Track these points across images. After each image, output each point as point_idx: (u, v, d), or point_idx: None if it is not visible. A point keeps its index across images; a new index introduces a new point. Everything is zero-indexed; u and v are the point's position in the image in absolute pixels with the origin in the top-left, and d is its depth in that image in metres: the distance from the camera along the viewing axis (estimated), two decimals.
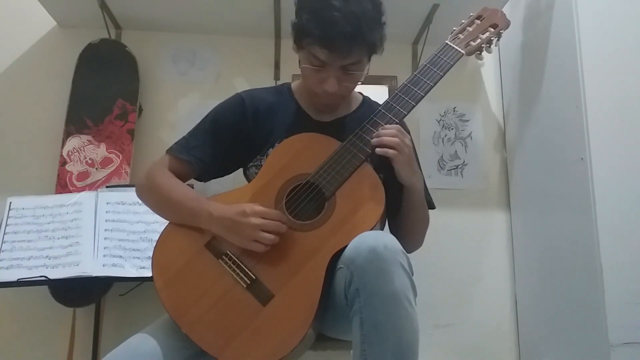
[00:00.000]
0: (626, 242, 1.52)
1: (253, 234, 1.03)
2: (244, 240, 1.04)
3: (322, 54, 1.13)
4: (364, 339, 0.92)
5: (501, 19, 1.30)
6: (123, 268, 1.55)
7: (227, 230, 1.06)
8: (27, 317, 1.84)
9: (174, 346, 1.02)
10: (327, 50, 1.12)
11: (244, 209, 1.04)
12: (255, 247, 1.04)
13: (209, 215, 1.08)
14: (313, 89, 1.21)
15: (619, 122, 1.58)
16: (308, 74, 1.19)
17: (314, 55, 1.14)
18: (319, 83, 1.18)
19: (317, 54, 1.13)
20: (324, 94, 1.19)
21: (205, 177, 1.30)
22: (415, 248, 1.29)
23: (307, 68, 1.17)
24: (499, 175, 2.16)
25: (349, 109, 1.33)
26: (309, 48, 1.14)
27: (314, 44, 1.12)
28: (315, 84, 1.19)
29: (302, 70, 1.21)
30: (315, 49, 1.13)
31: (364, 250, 0.94)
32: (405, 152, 1.13)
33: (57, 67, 2.01)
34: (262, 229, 1.03)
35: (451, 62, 1.22)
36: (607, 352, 1.45)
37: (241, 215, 1.04)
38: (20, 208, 1.67)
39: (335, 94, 1.18)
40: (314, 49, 1.13)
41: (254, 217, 1.03)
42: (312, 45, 1.13)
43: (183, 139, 1.27)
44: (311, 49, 1.14)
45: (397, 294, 0.91)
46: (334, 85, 1.16)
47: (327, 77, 1.16)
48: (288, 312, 1.00)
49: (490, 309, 2.04)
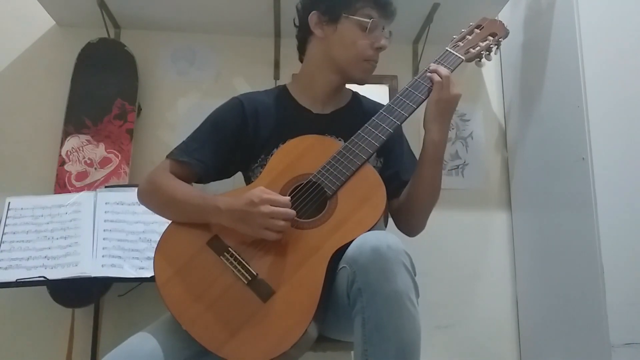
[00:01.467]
0: (627, 242, 1.51)
1: (264, 222, 1.03)
2: (256, 229, 1.05)
3: (374, 13, 1.27)
4: (366, 339, 0.92)
5: (500, 28, 1.34)
6: (122, 268, 1.54)
7: (238, 221, 1.07)
8: (26, 318, 1.83)
9: (174, 346, 1.02)
10: (380, 7, 1.27)
11: (251, 199, 1.05)
12: (268, 235, 1.04)
13: (217, 209, 1.09)
14: (363, 53, 1.28)
15: (620, 121, 1.58)
16: (357, 40, 1.27)
17: (367, 15, 1.26)
18: (371, 44, 1.27)
19: (370, 14, 1.26)
20: (374, 55, 1.29)
21: (206, 179, 1.30)
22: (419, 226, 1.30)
23: (358, 34, 1.27)
24: (499, 175, 2.15)
25: (344, 102, 1.39)
26: (362, 11, 1.26)
27: (366, 5, 1.26)
28: (366, 47, 1.27)
29: (347, 38, 1.27)
30: (368, 10, 1.26)
31: (366, 249, 0.94)
32: (449, 90, 1.18)
33: (56, 66, 2.00)
34: (272, 216, 1.03)
35: (451, 68, 1.24)
36: (608, 353, 1.44)
37: (250, 205, 1.04)
38: (18, 208, 1.66)
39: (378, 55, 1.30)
40: (366, 10, 1.26)
41: (263, 205, 1.04)
42: (364, 8, 1.26)
43: (183, 144, 1.28)
44: (364, 11, 1.26)
45: (400, 294, 0.91)
46: (387, 41, 1.30)
47: (380, 35, 1.28)
48: (289, 309, 1.00)
49: (491, 309, 2.03)
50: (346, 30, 1.27)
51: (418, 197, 1.25)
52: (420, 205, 1.26)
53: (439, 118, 1.19)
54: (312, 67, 1.35)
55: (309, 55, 1.36)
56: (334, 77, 1.33)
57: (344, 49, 1.28)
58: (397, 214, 1.31)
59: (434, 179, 1.23)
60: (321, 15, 1.29)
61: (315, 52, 1.33)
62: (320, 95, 1.34)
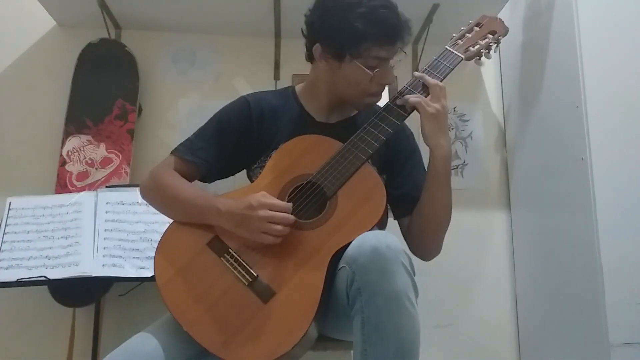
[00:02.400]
0: (627, 241, 1.52)
1: (262, 226, 1.04)
2: (253, 233, 1.05)
3: (383, 52, 1.17)
4: (365, 338, 0.93)
5: (500, 26, 1.33)
6: (123, 268, 1.55)
7: (236, 224, 1.07)
8: (27, 317, 1.83)
9: (175, 346, 1.02)
10: (388, 46, 1.18)
11: (250, 203, 1.05)
12: (265, 239, 1.04)
13: (218, 212, 1.09)
14: (368, 90, 1.21)
15: (619, 121, 1.58)
16: (361, 80, 1.19)
17: (374, 57, 1.17)
18: (377, 82, 1.20)
19: (378, 54, 1.17)
20: (380, 90, 1.23)
21: (209, 178, 1.30)
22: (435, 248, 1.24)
23: (363, 75, 1.18)
24: (499, 175, 2.16)
25: (350, 113, 1.34)
26: (368, 52, 1.16)
27: (373, 46, 1.16)
28: (371, 86, 1.21)
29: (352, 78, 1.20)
30: (375, 49, 1.16)
31: (366, 249, 0.94)
32: (431, 105, 1.15)
33: (57, 67, 2.01)
34: (270, 221, 1.04)
35: (451, 67, 1.24)
36: (608, 352, 1.45)
37: (249, 209, 1.05)
38: (19, 208, 1.66)
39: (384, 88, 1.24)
40: (373, 51, 1.16)
41: (262, 209, 1.04)
42: (371, 49, 1.16)
43: (188, 141, 1.28)
44: (371, 52, 1.16)
45: (399, 294, 0.91)
46: (393, 76, 1.24)
47: (387, 72, 1.21)
48: (289, 310, 1.00)
49: (490, 309, 2.04)
50: (350, 72, 1.19)
51: (432, 216, 1.20)
52: (434, 225, 1.21)
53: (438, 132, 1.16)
54: (318, 82, 1.29)
55: (315, 70, 1.28)
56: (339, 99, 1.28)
57: (348, 86, 1.22)
58: (410, 235, 1.25)
59: (447, 195, 1.19)
60: (325, 51, 1.21)
61: (321, 74, 1.26)
62: (325, 106, 1.31)
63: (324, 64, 1.23)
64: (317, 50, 1.22)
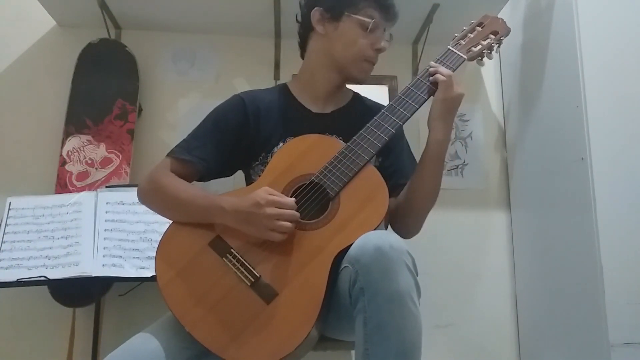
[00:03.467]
0: (626, 241, 1.52)
1: (270, 224, 1.04)
2: (261, 230, 1.05)
3: (377, 14, 1.28)
4: (367, 338, 0.92)
5: (502, 26, 1.33)
6: (123, 268, 1.54)
7: (243, 222, 1.07)
8: (27, 317, 1.83)
9: (176, 346, 1.02)
10: (382, 9, 1.28)
11: (257, 200, 1.05)
12: (273, 236, 1.04)
13: (222, 210, 1.09)
14: (363, 52, 1.29)
15: (619, 121, 1.59)
16: (358, 39, 1.28)
17: (369, 16, 1.27)
18: (371, 45, 1.29)
19: (373, 15, 1.27)
20: (374, 56, 1.31)
21: (207, 177, 1.30)
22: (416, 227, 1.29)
23: (359, 33, 1.28)
24: (499, 175, 2.16)
25: (344, 102, 1.39)
26: (364, 11, 1.27)
27: (369, 6, 1.27)
28: (366, 47, 1.29)
29: (348, 37, 1.28)
30: (370, 10, 1.27)
31: (369, 249, 0.94)
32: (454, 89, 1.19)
33: (57, 67, 2.00)
34: (277, 218, 1.04)
35: (453, 67, 1.24)
36: (608, 352, 1.45)
37: (256, 207, 1.05)
38: (19, 208, 1.66)
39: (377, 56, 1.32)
40: (369, 11, 1.27)
41: (269, 207, 1.04)
42: (367, 8, 1.27)
43: (184, 141, 1.28)
44: (367, 11, 1.27)
45: (402, 294, 0.91)
46: (387, 43, 1.31)
47: (380, 37, 1.30)
48: (292, 310, 1.00)
49: (490, 309, 2.03)
50: (348, 29, 1.28)
51: (418, 197, 1.24)
52: (419, 205, 1.25)
53: (444, 116, 1.20)
54: (313, 64, 1.36)
55: (310, 51, 1.37)
56: (334, 75, 1.33)
57: (344, 47, 1.29)
58: (394, 215, 1.29)
59: (435, 178, 1.23)
60: (324, 12, 1.30)
61: (316, 49, 1.34)
62: (320, 93, 1.34)
63: (320, 32, 1.31)
64: (315, 15, 1.31)
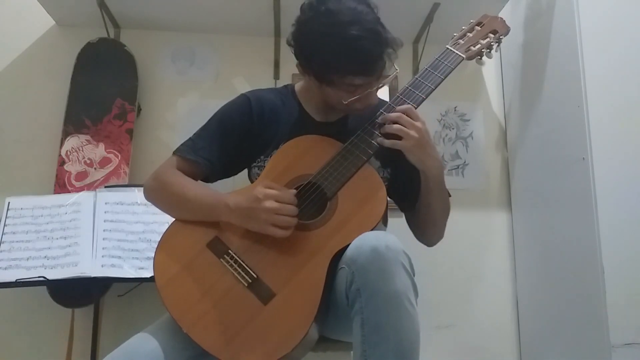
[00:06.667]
0: (628, 242, 1.52)
1: (269, 218, 1.03)
2: (262, 225, 1.04)
3: (359, 80, 1.11)
4: (365, 339, 0.92)
5: (501, 26, 1.32)
6: (122, 268, 1.54)
7: (245, 218, 1.07)
8: (26, 318, 1.83)
9: (174, 347, 1.02)
10: (364, 76, 1.11)
11: (256, 195, 1.05)
12: (274, 231, 1.04)
13: (227, 208, 1.09)
14: (351, 107, 1.17)
15: (620, 121, 1.58)
16: (342, 100, 1.15)
17: (349, 84, 1.12)
18: (359, 101, 1.15)
19: (354, 82, 1.11)
20: (363, 108, 1.18)
21: (212, 177, 1.29)
22: (436, 239, 1.29)
23: (343, 95, 1.14)
24: (500, 175, 2.15)
25: None
26: (342, 80, 1.12)
27: (347, 75, 1.11)
28: (352, 104, 1.16)
29: (333, 98, 1.17)
30: (350, 78, 1.11)
31: (365, 250, 0.94)
32: (411, 136, 1.11)
33: (56, 66, 2.00)
34: (277, 212, 1.03)
35: (452, 66, 1.23)
36: (609, 353, 1.45)
37: (255, 202, 1.05)
38: (18, 208, 1.66)
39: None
40: (348, 79, 1.11)
41: (268, 201, 1.04)
42: (345, 78, 1.11)
43: (190, 140, 1.27)
44: (345, 80, 1.11)
45: (399, 294, 0.91)
46: (376, 97, 1.20)
47: (366, 96, 1.14)
48: (289, 311, 1.00)
49: (491, 310, 2.03)
50: (330, 93, 1.17)
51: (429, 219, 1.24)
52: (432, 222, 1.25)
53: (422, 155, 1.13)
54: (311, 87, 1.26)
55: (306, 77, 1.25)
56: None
57: (331, 100, 1.20)
58: (413, 227, 1.31)
59: (442, 201, 1.21)
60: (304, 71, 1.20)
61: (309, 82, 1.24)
62: (322, 106, 1.29)
63: (307, 78, 1.21)
64: (298, 67, 1.20)
